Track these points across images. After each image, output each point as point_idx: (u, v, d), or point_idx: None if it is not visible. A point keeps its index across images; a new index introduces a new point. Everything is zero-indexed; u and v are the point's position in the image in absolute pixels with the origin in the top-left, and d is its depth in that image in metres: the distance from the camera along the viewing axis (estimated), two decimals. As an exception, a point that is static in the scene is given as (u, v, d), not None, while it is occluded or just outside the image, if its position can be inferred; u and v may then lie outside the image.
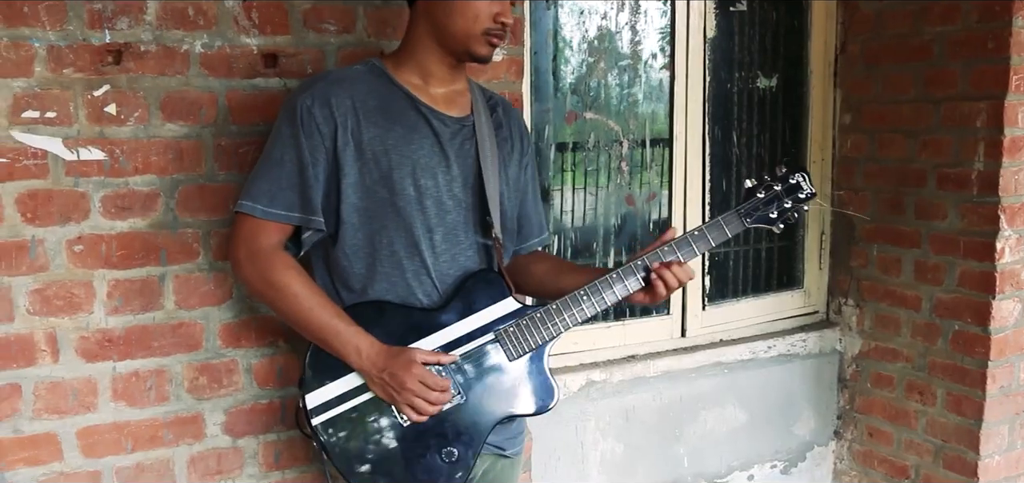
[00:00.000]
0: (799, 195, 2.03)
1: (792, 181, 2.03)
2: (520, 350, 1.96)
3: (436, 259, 1.96)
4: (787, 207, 2.02)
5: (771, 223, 2.03)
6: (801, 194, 2.03)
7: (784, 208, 2.02)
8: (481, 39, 1.92)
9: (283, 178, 1.89)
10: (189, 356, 2.32)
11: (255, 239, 1.91)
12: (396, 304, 1.96)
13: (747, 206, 2.01)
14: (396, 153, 1.91)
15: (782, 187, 2.02)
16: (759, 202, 2.01)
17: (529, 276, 2.19)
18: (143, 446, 2.30)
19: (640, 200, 3.24)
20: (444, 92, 2.02)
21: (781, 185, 2.03)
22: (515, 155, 2.14)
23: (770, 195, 2.02)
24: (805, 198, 2.04)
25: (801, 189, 2.03)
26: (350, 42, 2.41)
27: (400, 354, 1.87)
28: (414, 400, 1.86)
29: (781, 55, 3.48)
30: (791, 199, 2.02)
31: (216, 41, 2.26)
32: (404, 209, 1.92)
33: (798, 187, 2.03)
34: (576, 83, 3.09)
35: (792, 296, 3.58)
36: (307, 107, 1.88)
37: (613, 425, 3.09)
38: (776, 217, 2.02)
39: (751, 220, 2.01)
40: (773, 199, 2.02)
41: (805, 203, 2.05)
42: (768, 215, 2.02)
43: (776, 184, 2.03)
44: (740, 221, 2.01)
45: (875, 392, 3.48)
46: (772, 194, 2.02)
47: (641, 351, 3.21)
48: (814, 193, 2.05)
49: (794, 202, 2.03)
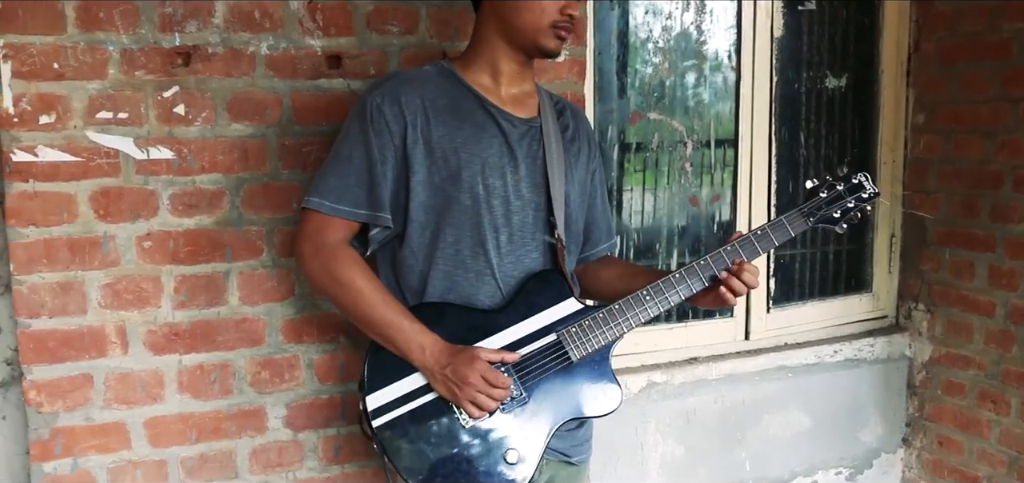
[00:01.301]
0: (862, 195, 2.00)
1: (855, 181, 2.00)
2: (583, 351, 1.95)
3: (500, 260, 1.96)
4: (850, 207, 1.99)
5: (834, 223, 2.00)
6: (864, 194, 2.00)
7: (847, 208, 1.99)
8: (549, 32, 1.92)
9: (351, 175, 1.91)
10: (252, 351, 2.37)
11: (321, 234, 1.92)
12: (458, 305, 1.96)
13: (810, 206, 1.99)
14: (465, 152, 1.92)
15: (845, 186, 2.00)
16: (822, 202, 1.98)
17: (599, 281, 2.19)
18: (206, 437, 2.36)
19: (704, 201, 3.21)
20: (512, 93, 2.02)
21: (844, 185, 2.00)
22: (582, 158, 2.13)
23: (833, 195, 1.99)
24: (868, 198, 2.01)
25: (864, 189, 2.00)
26: (412, 43, 2.43)
27: (464, 351, 1.88)
28: (476, 395, 1.86)
29: (851, 54, 3.39)
30: (854, 199, 1.99)
31: (281, 43, 2.30)
32: (472, 208, 1.92)
33: (861, 187, 2.00)
34: (640, 83, 3.06)
35: (860, 300, 3.50)
36: (377, 105, 1.90)
37: (674, 427, 3.07)
38: (839, 217, 1.99)
39: (814, 220, 1.98)
40: (836, 198, 1.99)
41: (868, 203, 2.01)
42: (831, 215, 1.99)
43: (839, 184, 2.00)
44: (804, 221, 1.98)
45: (946, 400, 3.38)
46: (835, 194, 1.99)
47: (703, 353, 3.17)
48: (878, 193, 2.01)
49: (857, 202, 1.99)
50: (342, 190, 1.92)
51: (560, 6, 1.91)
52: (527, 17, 1.92)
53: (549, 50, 1.96)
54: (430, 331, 1.90)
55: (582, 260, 2.22)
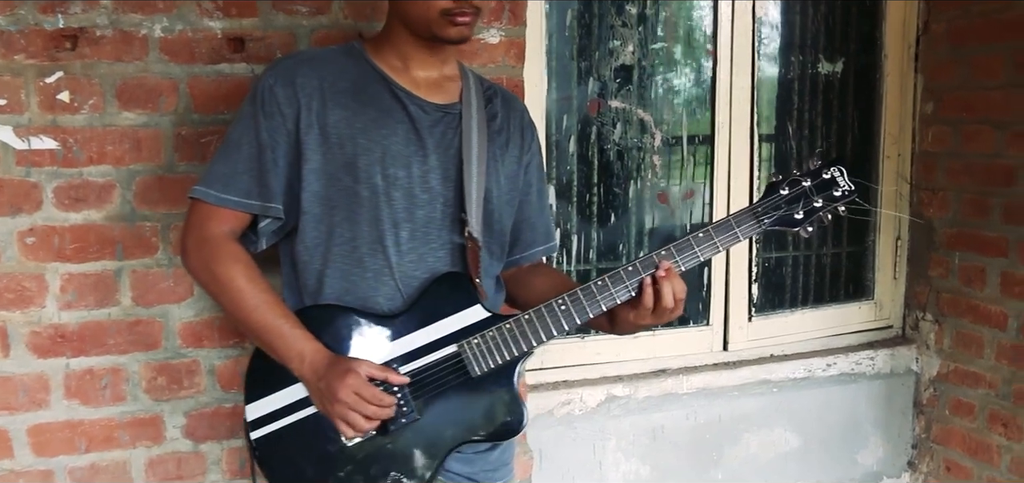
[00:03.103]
0: (833, 193, 1.72)
1: (825, 176, 1.72)
2: (485, 366, 1.75)
3: (400, 258, 1.77)
4: (817, 206, 1.71)
5: (796, 225, 1.73)
6: (837, 191, 1.72)
7: (813, 207, 1.71)
8: (442, 21, 1.73)
9: (240, 162, 1.76)
10: (147, 355, 2.23)
11: (205, 227, 1.77)
12: (352, 309, 1.78)
13: (766, 204, 1.72)
14: (364, 138, 1.74)
15: (812, 182, 1.72)
16: (781, 199, 1.72)
17: (530, 289, 1.98)
18: (98, 447, 2.22)
19: (676, 198, 2.96)
20: (427, 76, 1.84)
21: (811, 180, 1.72)
22: (512, 150, 1.93)
23: (796, 192, 1.72)
24: (841, 196, 1.72)
25: (837, 185, 1.72)
26: (324, 24, 2.25)
27: (342, 362, 1.70)
28: (347, 414, 1.68)
29: (850, 37, 3.10)
30: (822, 197, 1.72)
31: (177, 25, 2.15)
32: (369, 200, 1.74)
33: (833, 183, 1.72)
34: (601, 68, 2.82)
35: (859, 308, 3.20)
36: (269, 87, 1.75)
37: (638, 445, 2.83)
38: (802, 218, 1.72)
39: (770, 221, 1.72)
40: (799, 197, 1.71)
41: (841, 202, 1.73)
42: (792, 216, 1.72)
43: (805, 179, 1.72)
44: (756, 222, 1.72)
45: (954, 420, 3.06)
46: (798, 191, 1.72)
47: (674, 365, 2.92)
48: (853, 190, 1.72)
49: (826, 201, 1.72)
50: (229, 179, 1.76)
51: None
52: (414, 7, 1.74)
53: (448, 38, 1.76)
54: (313, 338, 1.73)
55: (513, 263, 2.01)
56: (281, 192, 1.77)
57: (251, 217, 1.79)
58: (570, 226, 2.86)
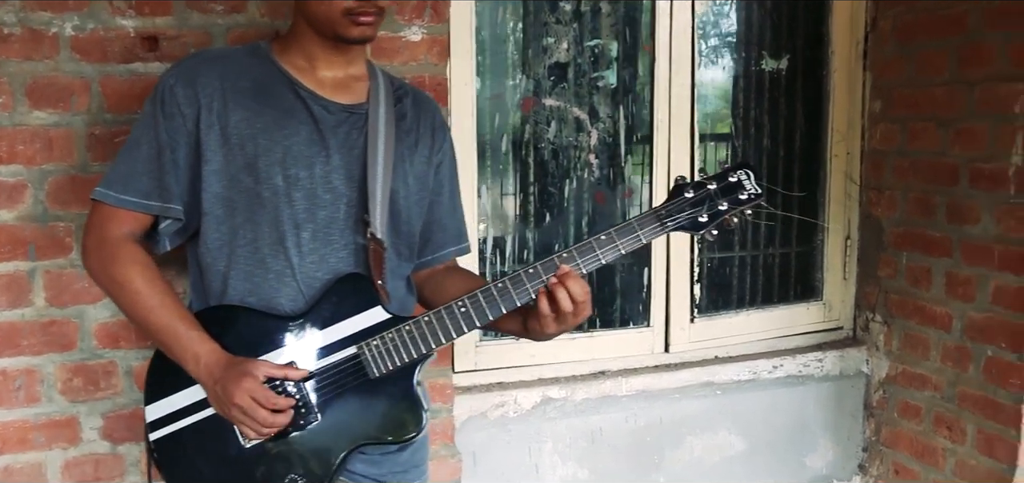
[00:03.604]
0: (739, 196, 1.70)
1: (732, 179, 1.70)
2: (384, 367, 1.73)
3: (302, 259, 1.75)
4: (721, 209, 1.69)
5: (700, 228, 1.70)
6: (743, 195, 1.70)
7: (718, 211, 1.69)
8: (344, 21, 1.71)
9: (139, 162, 1.74)
10: (62, 356, 2.22)
11: (105, 227, 1.75)
12: (253, 310, 1.76)
13: (670, 206, 1.70)
14: (265, 138, 1.72)
15: (717, 186, 1.70)
16: (686, 202, 1.70)
17: (442, 291, 1.96)
18: (12, 449, 2.20)
19: (614, 198, 2.91)
20: (333, 76, 1.82)
21: (716, 183, 1.70)
22: (422, 151, 1.90)
23: (701, 195, 1.69)
24: (747, 200, 1.70)
25: (743, 189, 1.70)
26: (240, 23, 2.23)
27: (238, 365, 1.68)
28: (242, 418, 1.66)
29: (798, 32, 3.05)
30: (728, 200, 1.69)
31: (89, 23, 2.13)
32: (270, 200, 1.72)
33: (739, 186, 1.70)
34: (535, 66, 2.78)
35: (808, 309, 3.15)
36: (169, 86, 1.73)
37: (575, 448, 2.79)
38: (707, 221, 1.70)
39: (673, 223, 1.70)
40: (704, 200, 1.69)
41: (748, 205, 1.71)
42: (696, 218, 1.70)
43: (710, 182, 1.70)
44: (659, 224, 1.70)
45: (902, 423, 3.01)
46: (703, 194, 1.69)
47: (613, 367, 2.88)
48: (759, 194, 1.70)
49: (732, 204, 1.69)
50: (129, 179, 1.74)
51: None
52: (316, 8, 1.72)
53: (351, 38, 1.74)
54: (209, 340, 1.71)
55: (424, 265, 1.99)
56: (181, 193, 1.75)
57: (152, 218, 1.77)
58: (505, 227, 2.82)
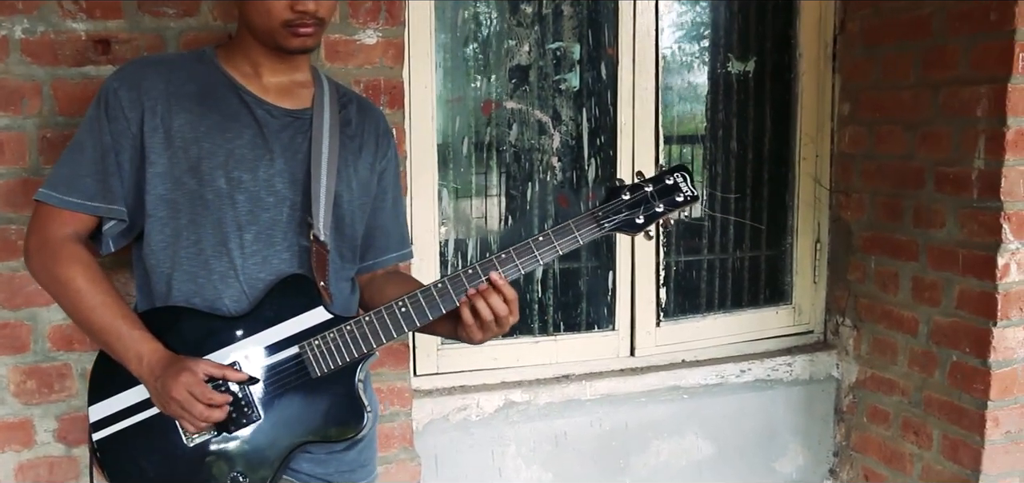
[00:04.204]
0: (675, 198, 1.73)
1: (668, 181, 1.74)
2: (325, 367, 1.74)
3: (245, 261, 1.76)
4: (658, 211, 1.72)
5: (637, 229, 1.73)
6: (679, 197, 1.73)
7: (654, 212, 1.72)
8: (283, 32, 1.72)
9: (83, 164, 1.75)
10: (15, 358, 2.21)
11: (47, 228, 1.76)
12: (196, 310, 1.77)
13: (607, 208, 1.72)
14: (208, 141, 1.74)
15: (654, 188, 1.73)
16: (622, 204, 1.72)
17: (383, 295, 1.95)
18: (-36, 451, 2.20)
19: (577, 201, 2.90)
20: (277, 82, 1.83)
21: (653, 185, 1.73)
22: (366, 157, 1.92)
23: (637, 197, 1.72)
24: (683, 202, 1.74)
25: (679, 190, 1.74)
26: (193, 27, 2.23)
27: (178, 362, 1.69)
28: (180, 413, 1.67)
29: (766, 34, 3.04)
30: (664, 202, 1.73)
31: (39, 26, 2.13)
32: (213, 203, 1.74)
33: (675, 189, 1.74)
34: (496, 67, 2.78)
35: (777, 313, 3.13)
36: (114, 90, 1.74)
37: (539, 451, 2.78)
38: (643, 222, 1.73)
39: (610, 224, 1.72)
40: (640, 201, 1.72)
41: (683, 207, 1.74)
42: (632, 220, 1.72)
43: (647, 185, 1.73)
44: (596, 225, 1.72)
45: (871, 428, 2.98)
46: (640, 196, 1.72)
47: (578, 370, 2.87)
48: (695, 196, 1.73)
49: (668, 206, 1.73)
50: (72, 180, 1.75)
51: (288, 4, 1.69)
52: (256, 19, 1.73)
53: (291, 49, 1.75)
54: (152, 339, 1.72)
55: (367, 269, 2.00)
56: (125, 195, 1.76)
57: (96, 219, 1.77)
58: (467, 230, 2.81)
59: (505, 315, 1.73)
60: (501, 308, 1.72)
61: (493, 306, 1.71)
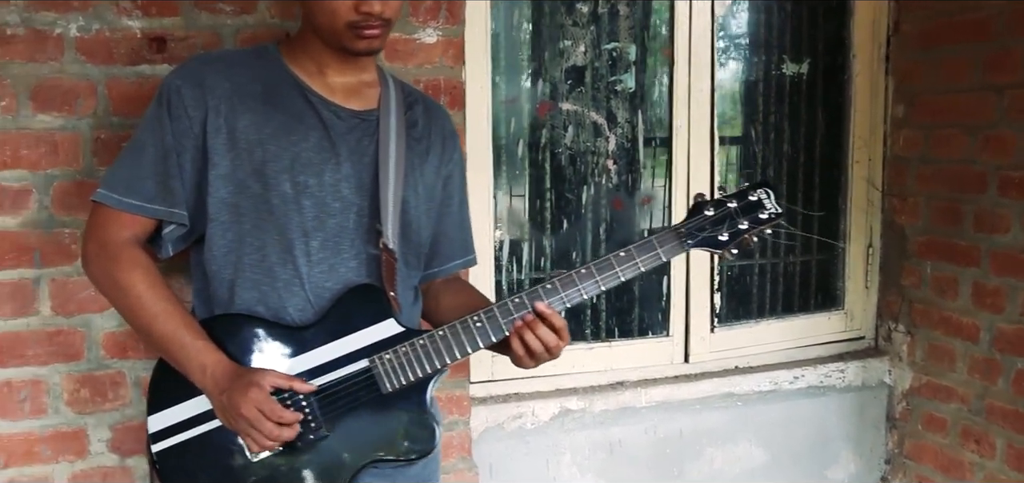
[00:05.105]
0: (759, 216, 1.69)
1: (752, 198, 1.69)
2: (396, 382, 1.68)
3: (311, 269, 1.70)
4: (742, 229, 1.68)
5: (721, 247, 1.68)
6: (763, 214, 1.69)
7: (738, 230, 1.68)
8: (348, 34, 1.66)
9: (144, 165, 1.69)
10: (68, 366, 2.15)
11: (106, 231, 1.70)
12: (261, 319, 1.71)
13: (690, 225, 1.67)
14: (274, 144, 1.68)
15: (738, 204, 1.68)
16: (706, 221, 1.67)
17: (442, 304, 1.93)
18: (17, 462, 2.15)
19: (632, 204, 2.85)
20: (344, 82, 1.77)
21: (737, 202, 1.69)
22: (432, 160, 1.86)
23: (721, 213, 1.68)
24: (768, 219, 1.69)
25: (763, 208, 1.69)
26: (250, 24, 2.18)
27: (245, 375, 1.62)
28: (248, 430, 1.61)
29: (818, 36, 2.99)
30: (748, 220, 1.68)
31: (94, 24, 2.08)
32: (278, 208, 1.68)
33: (759, 205, 1.69)
34: (552, 70, 2.72)
35: (829, 319, 3.08)
36: (176, 88, 1.68)
37: (594, 460, 2.73)
38: (727, 240, 1.68)
39: (693, 242, 1.67)
40: (725, 218, 1.67)
41: (767, 225, 1.70)
42: (716, 237, 1.67)
43: (731, 200, 1.69)
44: (679, 242, 1.67)
45: (927, 436, 2.93)
46: (724, 212, 1.68)
47: (632, 377, 2.81)
48: (779, 213, 1.69)
49: (752, 223, 1.68)
50: (132, 182, 1.69)
51: (354, 5, 1.64)
52: (321, 19, 1.67)
53: (356, 51, 1.70)
54: (216, 350, 1.66)
55: (429, 276, 1.94)
56: (186, 197, 1.70)
57: (155, 222, 1.71)
58: (520, 234, 2.76)
59: (556, 345, 1.68)
60: (551, 340, 1.67)
61: (544, 340, 1.67)
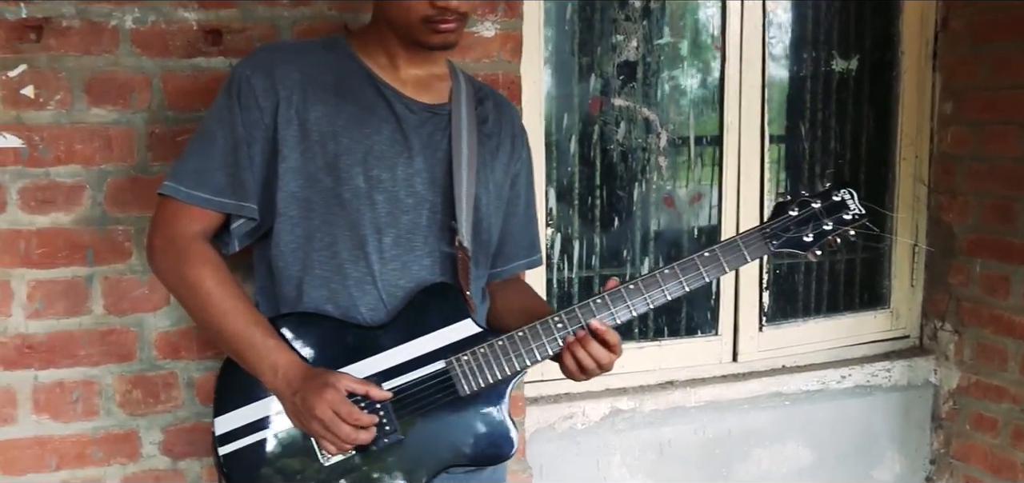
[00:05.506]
0: (843, 217, 1.66)
1: (836, 198, 1.67)
2: (474, 384, 1.64)
3: (383, 266, 1.66)
4: (827, 229, 1.65)
5: (805, 248, 1.66)
6: (847, 214, 1.66)
7: (823, 231, 1.65)
8: (423, 28, 1.62)
9: (213, 157, 1.64)
10: (121, 367, 2.10)
11: (173, 225, 1.65)
12: (332, 318, 1.67)
13: (775, 226, 1.65)
14: (346, 136, 1.64)
15: (822, 204, 1.65)
16: (790, 221, 1.65)
17: (498, 306, 1.89)
18: (69, 464, 2.09)
19: (682, 202, 2.82)
20: (415, 74, 1.73)
21: (821, 202, 1.66)
22: (502, 157, 1.82)
23: (806, 213, 1.65)
24: (851, 220, 1.66)
25: (847, 208, 1.66)
26: (307, 16, 2.13)
27: (319, 376, 1.58)
28: (324, 432, 1.56)
29: (865, 33, 2.96)
30: (833, 220, 1.65)
31: (149, 15, 2.02)
32: (351, 202, 1.63)
33: (843, 206, 1.66)
34: (604, 65, 2.69)
35: (875, 317, 3.05)
36: (246, 77, 1.64)
37: (644, 460, 2.69)
38: (812, 241, 1.65)
39: (779, 243, 1.64)
40: (809, 219, 1.64)
41: (851, 226, 1.67)
42: (801, 238, 1.65)
43: (815, 201, 1.66)
44: (765, 243, 1.64)
45: (976, 436, 2.91)
46: (808, 213, 1.65)
47: (681, 376, 2.78)
48: (864, 214, 1.66)
49: (837, 224, 1.65)
50: (201, 174, 1.64)
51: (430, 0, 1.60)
52: (394, 14, 1.64)
53: (432, 45, 1.66)
54: (288, 349, 1.62)
55: (492, 276, 1.90)
56: (257, 191, 1.65)
57: (223, 217, 1.67)
58: (571, 231, 2.72)
59: (608, 362, 1.65)
60: (604, 358, 1.64)
61: (597, 357, 1.63)
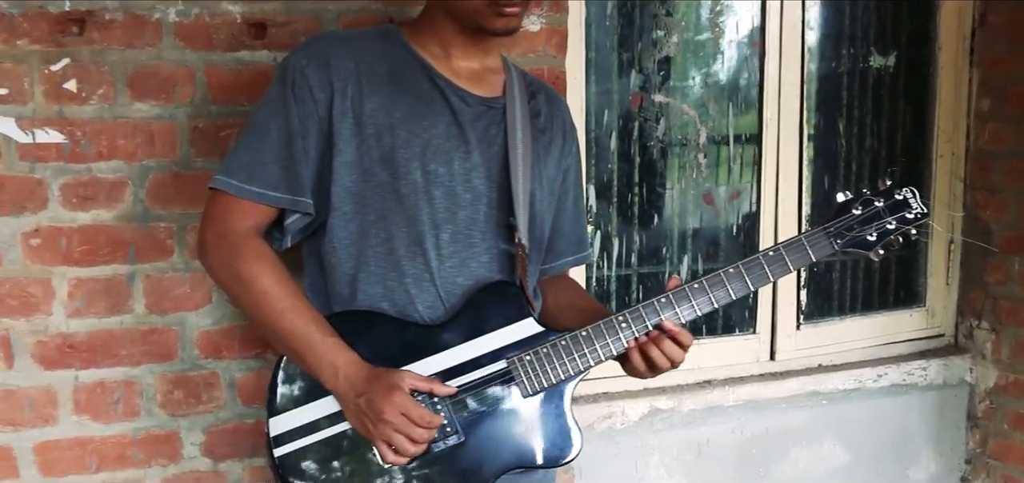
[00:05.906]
0: (906, 215, 1.63)
1: (898, 197, 1.64)
2: (537, 385, 1.62)
3: (441, 263, 1.63)
4: (890, 228, 1.62)
5: (868, 247, 1.64)
6: (909, 213, 1.63)
7: (886, 230, 1.62)
8: (486, 11, 1.59)
9: (267, 150, 1.61)
10: (162, 367, 2.07)
11: (226, 220, 1.61)
12: (390, 316, 1.64)
13: (838, 225, 1.63)
14: (403, 129, 1.60)
15: (884, 203, 1.63)
16: (854, 220, 1.62)
17: (551, 302, 1.86)
18: (110, 465, 2.06)
19: (721, 199, 2.80)
20: (469, 66, 1.70)
21: (884, 200, 1.63)
22: (554, 153, 1.80)
23: (869, 212, 1.63)
24: (913, 219, 1.64)
25: (909, 207, 1.64)
26: (352, 9, 2.10)
27: (383, 376, 1.55)
28: (393, 436, 1.53)
29: (903, 29, 2.93)
30: (896, 219, 1.63)
31: (193, 8, 1.99)
32: (408, 197, 1.60)
33: (905, 204, 1.64)
34: (644, 61, 2.66)
35: (911, 315, 3.02)
36: (301, 68, 1.60)
37: (681, 460, 2.66)
38: (875, 240, 1.63)
39: (843, 242, 1.63)
40: (873, 217, 1.62)
41: (913, 225, 1.64)
42: (865, 238, 1.63)
43: (877, 199, 1.63)
44: (829, 242, 1.63)
45: (1014, 435, 2.89)
46: (872, 212, 1.63)
47: (719, 375, 2.75)
48: (926, 213, 1.64)
49: (899, 223, 1.63)
50: (254, 168, 1.61)
51: None
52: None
53: (494, 30, 1.63)
54: (348, 349, 1.58)
55: (542, 273, 1.87)
56: (311, 185, 1.62)
57: (277, 212, 1.63)
58: (610, 228, 2.70)
59: (680, 360, 1.66)
60: (677, 356, 1.65)
61: (670, 355, 1.64)
